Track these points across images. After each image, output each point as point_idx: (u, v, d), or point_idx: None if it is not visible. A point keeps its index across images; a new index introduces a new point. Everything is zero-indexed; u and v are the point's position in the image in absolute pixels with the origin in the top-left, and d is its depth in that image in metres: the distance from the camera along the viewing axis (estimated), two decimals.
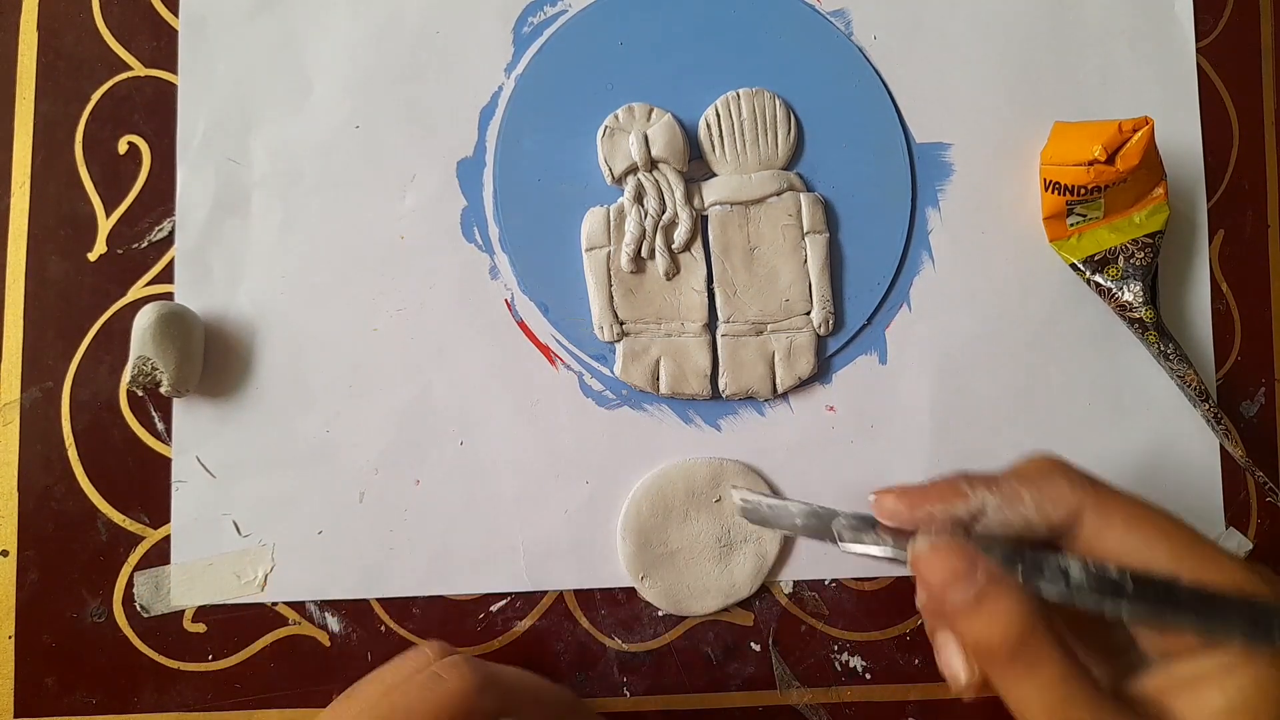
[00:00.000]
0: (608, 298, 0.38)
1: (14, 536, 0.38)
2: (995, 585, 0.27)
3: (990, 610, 0.27)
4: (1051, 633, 0.26)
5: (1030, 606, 0.26)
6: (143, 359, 0.36)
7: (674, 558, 0.38)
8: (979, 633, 0.27)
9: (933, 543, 0.28)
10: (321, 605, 0.38)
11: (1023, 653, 0.26)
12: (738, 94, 0.39)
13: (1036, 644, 0.26)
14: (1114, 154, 0.36)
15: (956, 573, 0.27)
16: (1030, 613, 0.26)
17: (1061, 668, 0.26)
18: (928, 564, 0.28)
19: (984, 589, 0.27)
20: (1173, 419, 0.40)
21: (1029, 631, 0.26)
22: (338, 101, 0.40)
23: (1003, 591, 0.27)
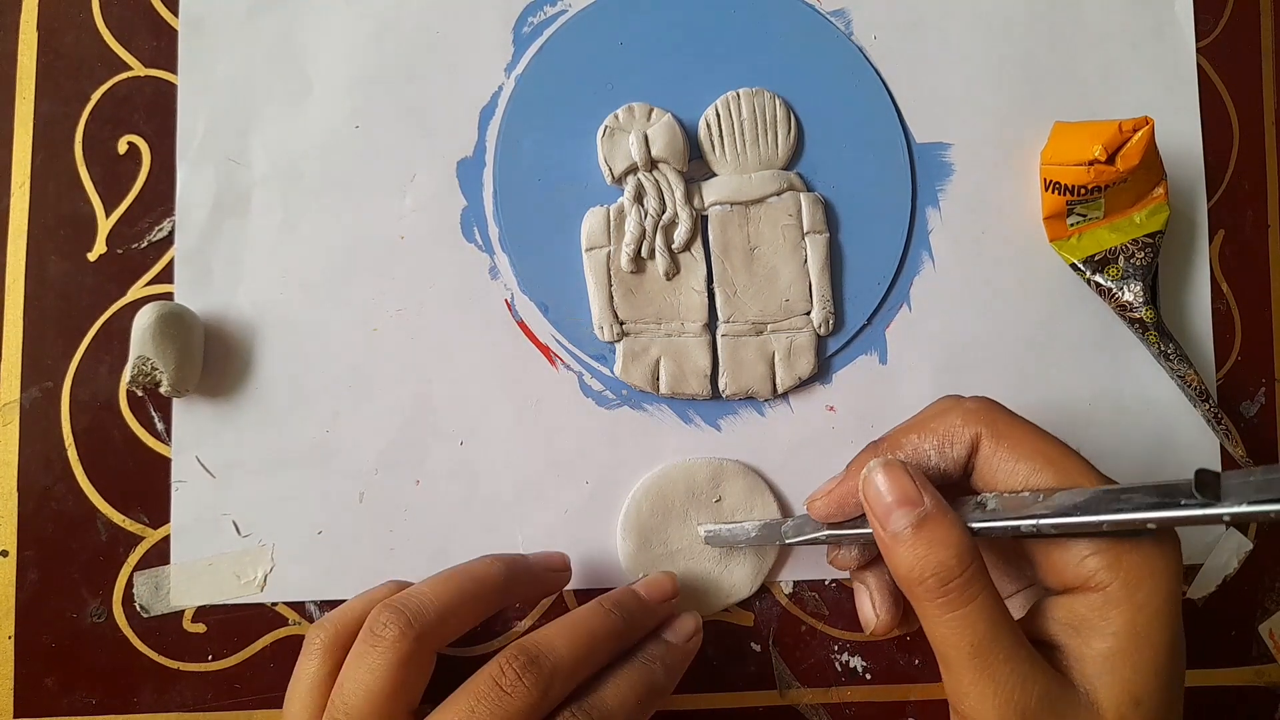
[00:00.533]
0: (608, 298, 0.38)
1: (14, 536, 0.38)
2: (939, 513, 0.28)
3: (930, 537, 0.27)
4: (984, 570, 0.27)
5: (969, 539, 0.27)
6: (143, 359, 0.36)
7: (674, 558, 0.38)
8: (916, 559, 0.27)
9: (884, 463, 0.29)
10: (321, 605, 0.38)
11: (955, 585, 0.27)
12: (738, 94, 0.39)
13: (969, 578, 0.27)
14: (1114, 154, 0.36)
15: (904, 495, 0.28)
16: (969, 545, 0.27)
17: (989, 605, 0.27)
18: (877, 485, 0.29)
19: (928, 514, 0.28)
20: (1173, 419, 0.40)
21: (965, 563, 0.27)
22: (338, 101, 0.40)
23: (943, 519, 0.28)
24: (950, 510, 0.28)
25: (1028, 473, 0.28)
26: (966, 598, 0.27)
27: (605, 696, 0.30)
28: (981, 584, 0.27)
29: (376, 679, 0.29)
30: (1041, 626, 0.29)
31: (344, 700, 0.30)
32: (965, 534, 0.28)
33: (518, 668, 0.29)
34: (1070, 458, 0.28)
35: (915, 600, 0.28)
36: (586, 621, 0.32)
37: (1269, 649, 0.40)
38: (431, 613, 0.31)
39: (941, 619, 0.27)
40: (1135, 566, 0.27)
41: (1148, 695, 0.27)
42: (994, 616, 0.27)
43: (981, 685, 0.27)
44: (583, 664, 0.30)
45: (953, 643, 0.27)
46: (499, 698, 0.29)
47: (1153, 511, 0.25)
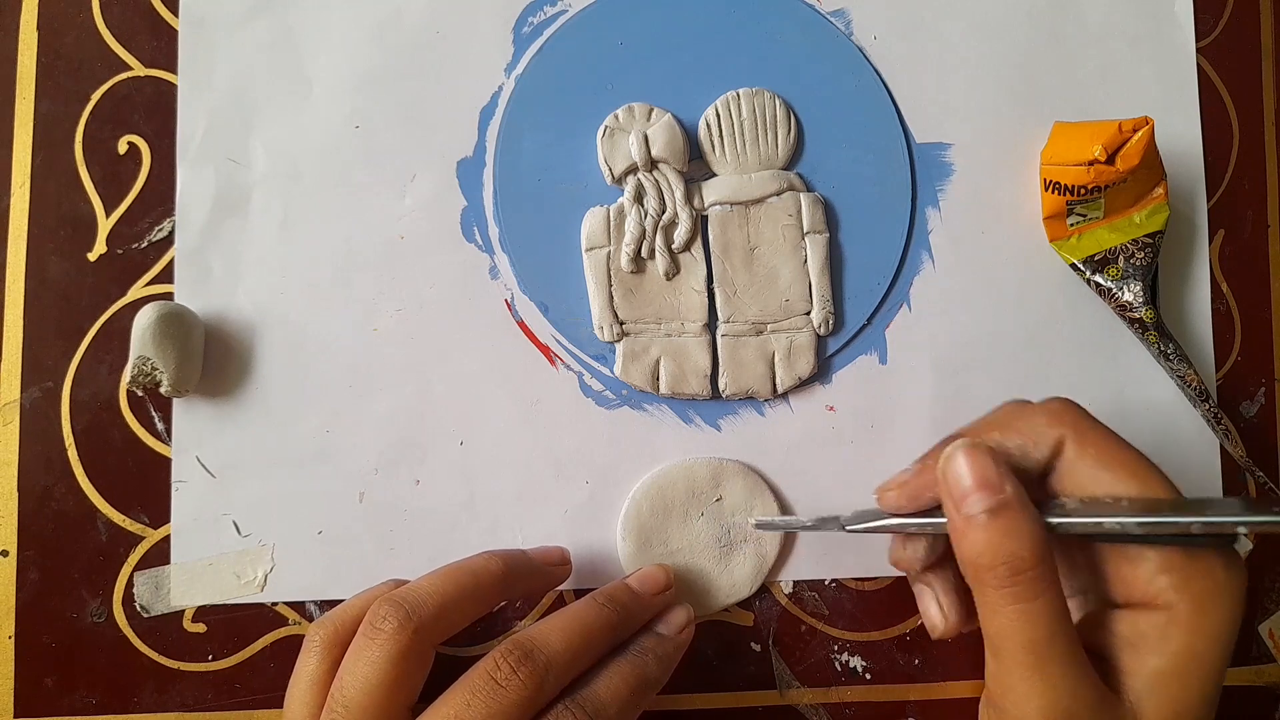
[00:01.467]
0: (608, 298, 0.38)
1: (14, 536, 0.38)
2: (1019, 501, 0.27)
3: (1006, 525, 0.27)
4: (1054, 569, 0.27)
5: (1044, 534, 0.27)
6: (143, 359, 0.36)
7: (674, 558, 0.38)
8: (989, 545, 0.27)
9: (967, 445, 0.29)
10: (321, 605, 0.38)
11: (1023, 578, 0.26)
12: (738, 94, 0.39)
13: (1039, 573, 0.27)
14: (1114, 154, 0.36)
15: (985, 479, 0.28)
16: (1044, 540, 0.27)
17: (1054, 604, 0.27)
18: (959, 467, 0.28)
19: (1006, 500, 0.27)
20: (1173, 419, 0.40)
21: (1037, 556, 0.27)
22: (338, 101, 0.40)
23: (1023, 509, 0.27)
24: (1029, 502, 0.28)
25: (1111, 481, 0.28)
26: (1034, 592, 0.26)
27: (598, 689, 0.31)
28: (1049, 581, 0.27)
29: (375, 672, 0.30)
30: (1097, 638, 0.29)
31: (343, 694, 0.30)
32: (1042, 528, 0.27)
33: (513, 662, 0.29)
34: (1154, 472, 0.28)
35: (980, 587, 0.28)
36: (581, 616, 0.32)
37: (1269, 649, 0.40)
38: (429, 607, 0.31)
39: (1004, 609, 0.27)
40: (1204, 590, 0.27)
41: (1189, 715, 0.27)
42: (1057, 617, 0.27)
43: (1031, 683, 0.26)
44: (577, 658, 0.31)
45: (1011, 635, 0.27)
46: (494, 692, 0.29)
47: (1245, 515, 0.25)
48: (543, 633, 0.31)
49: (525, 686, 0.29)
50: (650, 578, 0.35)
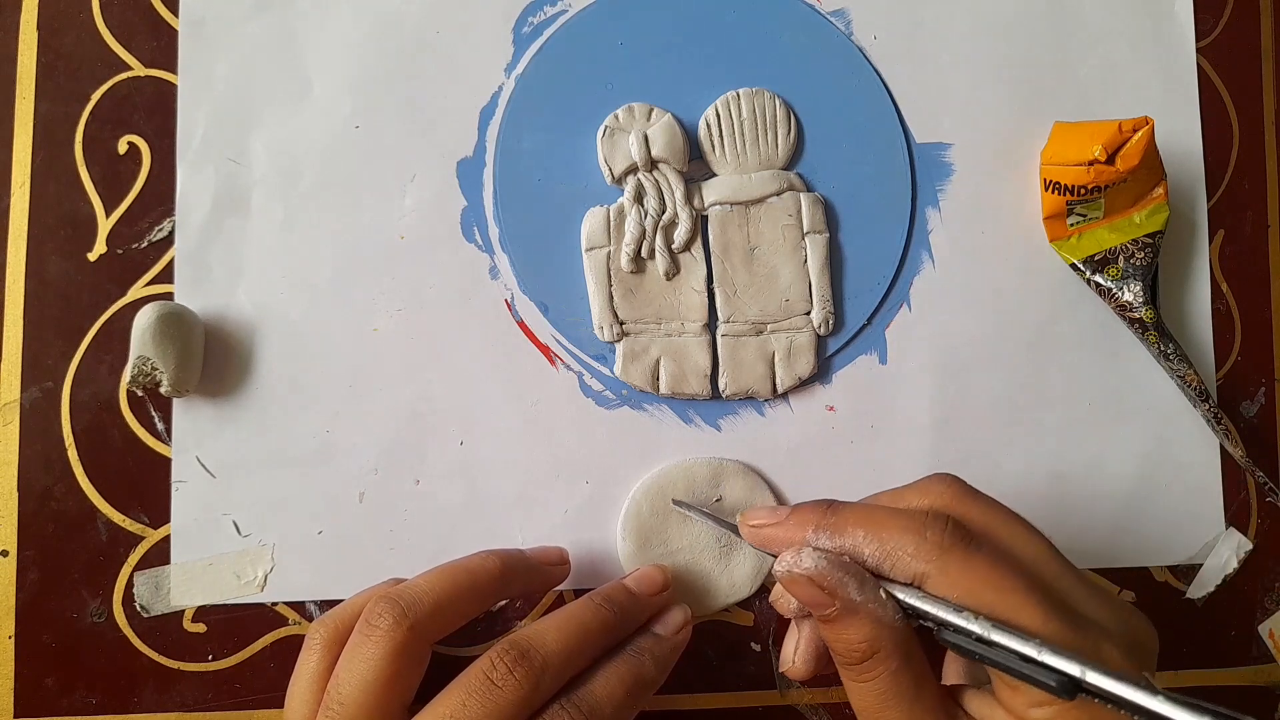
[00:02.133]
0: (608, 298, 0.38)
1: (14, 536, 0.38)
2: (848, 613, 0.28)
3: (841, 632, 0.29)
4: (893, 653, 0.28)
5: (873, 633, 0.28)
6: (143, 359, 0.36)
7: (674, 558, 0.38)
8: (830, 641, 0.29)
9: (793, 573, 0.29)
10: (321, 605, 0.38)
11: (864, 666, 0.28)
12: (738, 94, 0.39)
13: (877, 662, 0.28)
14: (1114, 154, 0.36)
15: (815, 601, 0.29)
16: (873, 639, 0.28)
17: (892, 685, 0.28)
18: (791, 589, 0.30)
19: (838, 614, 0.28)
20: (1173, 419, 0.40)
21: (870, 653, 0.28)
22: (338, 101, 0.40)
23: (853, 619, 0.28)
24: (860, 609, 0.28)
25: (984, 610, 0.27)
26: (868, 675, 0.28)
27: (594, 689, 0.31)
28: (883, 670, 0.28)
29: (370, 668, 0.30)
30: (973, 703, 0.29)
31: (339, 691, 0.30)
32: (870, 628, 0.28)
33: (509, 662, 0.29)
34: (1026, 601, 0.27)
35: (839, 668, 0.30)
36: (577, 616, 0.32)
37: (1269, 649, 0.40)
38: (425, 604, 0.31)
39: (847, 682, 0.29)
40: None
41: None
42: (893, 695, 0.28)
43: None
44: (573, 658, 0.31)
45: (854, 703, 0.29)
46: (490, 691, 0.29)
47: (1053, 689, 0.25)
48: (539, 632, 0.31)
49: (521, 686, 0.29)
50: (647, 578, 0.35)
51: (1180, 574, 0.40)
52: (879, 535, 0.29)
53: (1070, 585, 0.29)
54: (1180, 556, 0.40)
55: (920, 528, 0.28)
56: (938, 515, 0.29)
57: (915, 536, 0.28)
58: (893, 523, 0.29)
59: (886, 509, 0.30)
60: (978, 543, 0.28)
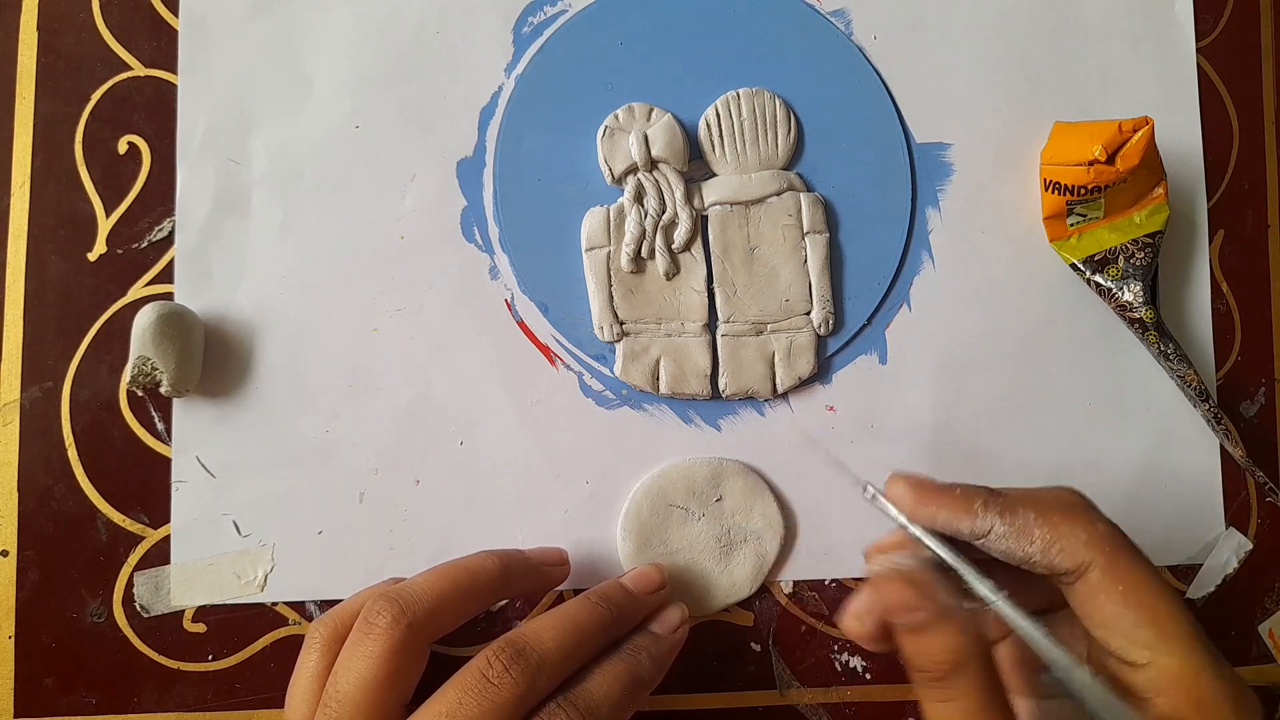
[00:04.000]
0: (608, 298, 0.38)
1: (14, 536, 0.38)
2: (938, 621, 0.28)
3: (927, 641, 0.28)
4: (979, 670, 0.27)
5: (962, 645, 0.28)
6: (143, 359, 0.36)
7: (674, 558, 0.38)
8: (913, 653, 0.28)
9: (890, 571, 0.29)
10: (321, 605, 0.38)
11: (946, 682, 0.27)
12: (738, 94, 0.39)
13: (961, 678, 0.27)
14: (1114, 154, 0.36)
15: (906, 603, 0.28)
16: (961, 651, 0.27)
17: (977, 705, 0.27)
18: (881, 587, 0.29)
19: (928, 618, 0.28)
20: (1173, 419, 0.40)
21: (956, 667, 0.27)
22: (337, 101, 0.40)
23: (942, 629, 0.28)
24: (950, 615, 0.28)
25: (1131, 624, 0.27)
26: (944, 696, 0.28)
27: (591, 688, 0.31)
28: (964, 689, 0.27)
29: (368, 666, 0.30)
30: None
31: (337, 689, 0.30)
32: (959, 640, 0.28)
33: (504, 660, 0.29)
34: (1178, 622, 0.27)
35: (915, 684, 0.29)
36: (574, 614, 0.32)
37: (1269, 649, 0.40)
38: (424, 603, 0.31)
39: (926, 701, 0.28)
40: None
41: None
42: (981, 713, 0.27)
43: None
44: (570, 656, 0.31)
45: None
46: (486, 689, 0.29)
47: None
48: (535, 631, 0.31)
49: (517, 685, 0.29)
50: (645, 577, 0.35)
51: (1180, 574, 0.40)
52: (1049, 519, 0.29)
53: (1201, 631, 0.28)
54: (1180, 556, 0.40)
55: (1089, 521, 0.29)
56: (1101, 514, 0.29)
57: (1086, 529, 0.28)
58: (1059, 509, 0.29)
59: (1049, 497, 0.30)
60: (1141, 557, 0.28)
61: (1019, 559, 0.29)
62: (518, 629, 0.31)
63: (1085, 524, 0.29)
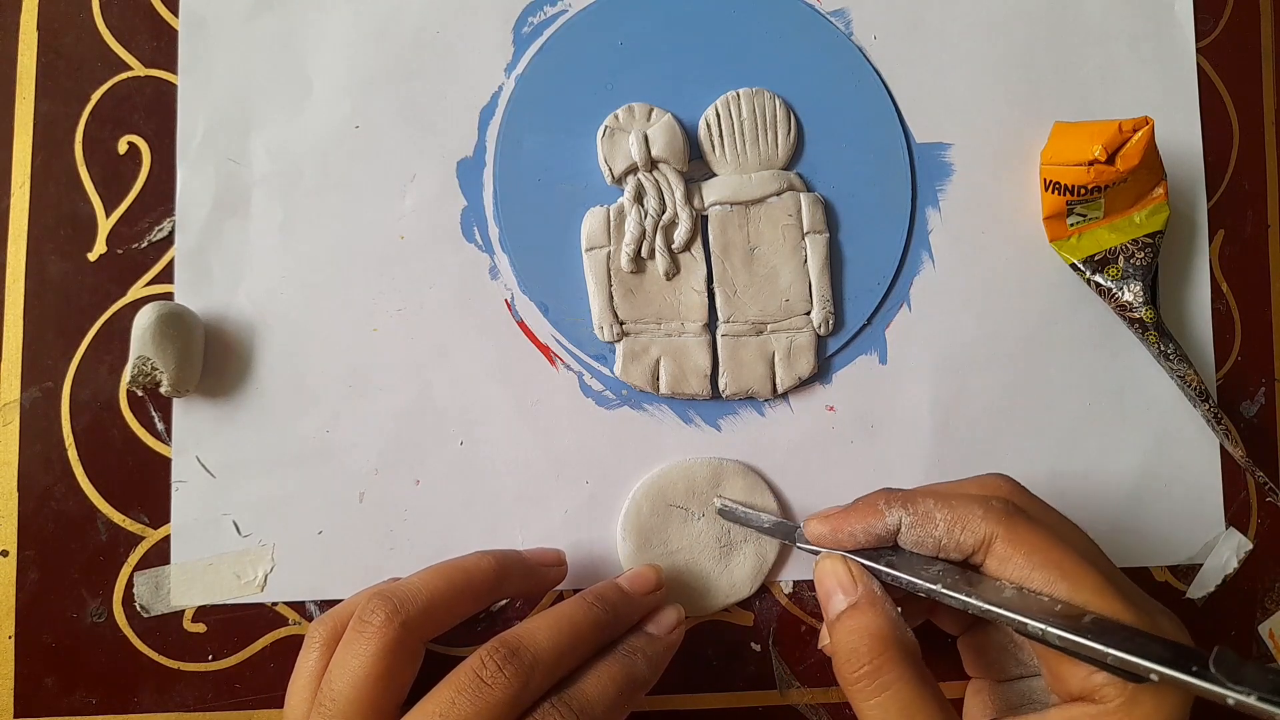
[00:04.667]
0: (608, 298, 0.38)
1: (14, 536, 0.38)
2: (867, 601, 0.29)
3: (853, 623, 0.29)
4: (907, 660, 0.28)
5: (888, 627, 0.29)
6: (143, 359, 0.36)
7: (674, 558, 0.38)
8: (839, 642, 0.29)
9: (828, 555, 0.31)
10: (321, 605, 0.38)
11: (876, 673, 0.28)
12: (738, 94, 0.39)
13: (889, 666, 0.28)
14: (1114, 154, 0.36)
15: (841, 583, 0.30)
16: (887, 633, 0.29)
17: (909, 694, 0.28)
18: (823, 571, 0.31)
19: (857, 601, 0.29)
20: (1173, 419, 0.40)
21: (877, 651, 0.28)
22: (338, 101, 0.40)
23: (872, 609, 0.29)
24: (881, 601, 0.30)
25: (1041, 583, 0.28)
26: (877, 688, 0.28)
27: (585, 688, 0.30)
28: (898, 676, 0.28)
29: (362, 665, 0.30)
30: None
31: (331, 688, 0.30)
32: (888, 623, 0.29)
33: (498, 659, 0.29)
34: (1088, 572, 0.28)
35: (845, 691, 0.29)
36: (568, 614, 0.32)
37: (1269, 649, 0.40)
38: (418, 601, 0.31)
39: (863, 706, 0.29)
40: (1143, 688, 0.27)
41: None
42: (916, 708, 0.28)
43: None
44: (564, 656, 0.31)
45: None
46: (479, 689, 0.29)
47: (1162, 665, 0.25)
48: (529, 630, 0.31)
49: (511, 684, 0.29)
50: (641, 577, 0.35)
51: (1180, 574, 0.40)
52: (948, 503, 0.30)
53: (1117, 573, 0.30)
54: (1180, 556, 0.40)
55: (986, 499, 0.30)
56: (1000, 494, 0.31)
57: (983, 505, 0.30)
58: (960, 495, 0.31)
59: (952, 486, 0.32)
60: (1039, 521, 0.30)
61: (931, 546, 0.30)
62: (512, 629, 0.31)
63: (981, 505, 0.30)
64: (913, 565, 0.30)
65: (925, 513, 0.30)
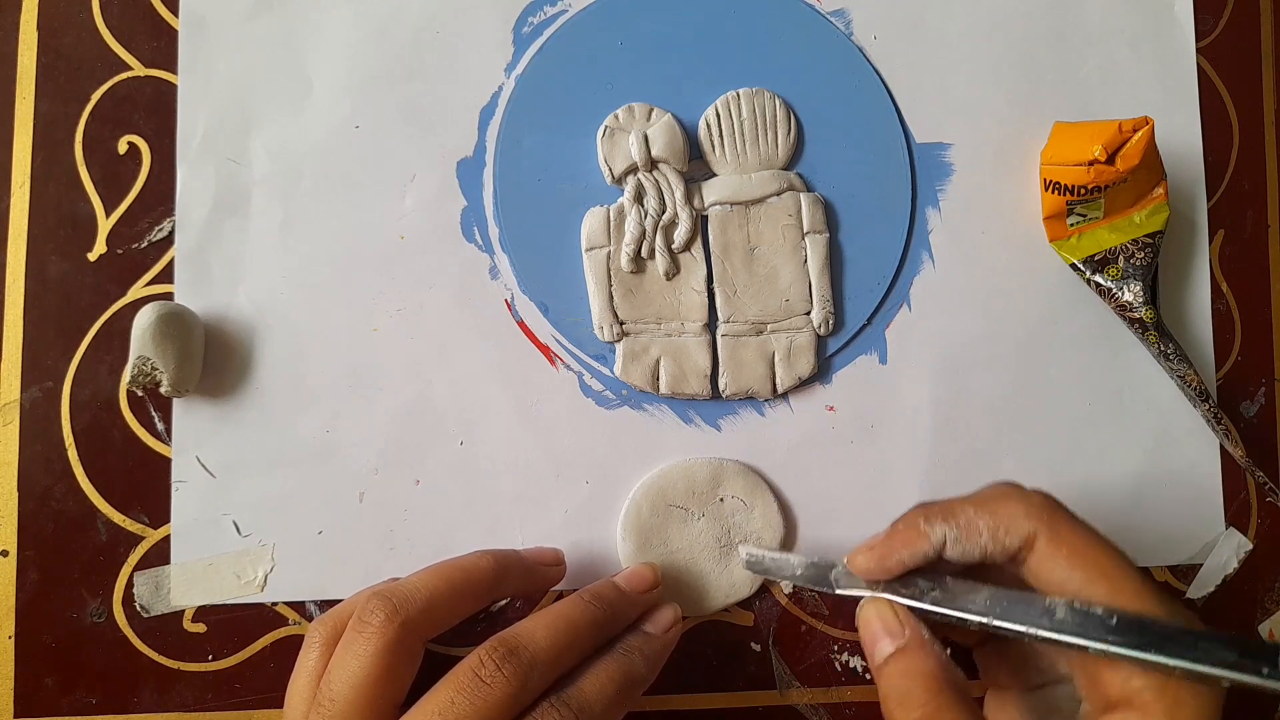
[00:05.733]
0: (608, 298, 0.38)
1: (14, 536, 0.38)
2: (915, 645, 0.29)
3: (903, 666, 0.29)
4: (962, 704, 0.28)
5: (943, 671, 0.28)
6: (143, 359, 0.36)
7: (674, 558, 0.38)
8: (891, 686, 0.29)
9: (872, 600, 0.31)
10: (321, 605, 0.38)
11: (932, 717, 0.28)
12: (738, 94, 0.39)
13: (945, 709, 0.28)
14: (1114, 154, 0.36)
15: (887, 627, 0.30)
16: (942, 677, 0.28)
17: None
18: (866, 616, 0.31)
19: (905, 645, 0.29)
20: (1173, 419, 0.40)
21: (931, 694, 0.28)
22: (338, 101, 0.40)
23: (920, 653, 0.29)
24: (930, 644, 0.29)
25: (1081, 582, 0.28)
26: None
27: (584, 687, 0.31)
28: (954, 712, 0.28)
29: (361, 664, 0.30)
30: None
31: (330, 688, 0.30)
32: (939, 666, 0.29)
33: (497, 659, 0.29)
34: (1127, 573, 0.28)
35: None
36: (566, 613, 0.32)
37: None
38: (418, 601, 0.31)
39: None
40: (1180, 692, 0.27)
41: None
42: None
43: None
44: (562, 655, 0.31)
45: None
46: (478, 689, 0.29)
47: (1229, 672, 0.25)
48: (528, 630, 0.31)
49: (509, 684, 0.29)
50: (638, 576, 0.35)
51: (1180, 574, 0.40)
52: (989, 509, 0.30)
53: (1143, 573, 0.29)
54: (1180, 556, 0.40)
55: (1025, 496, 0.30)
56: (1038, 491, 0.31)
57: (1024, 503, 0.30)
58: (998, 497, 0.30)
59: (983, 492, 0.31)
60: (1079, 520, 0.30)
61: (977, 555, 0.30)
62: (510, 628, 0.31)
63: (1020, 500, 0.30)
64: (956, 598, 0.30)
65: (967, 523, 0.30)
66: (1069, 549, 0.29)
